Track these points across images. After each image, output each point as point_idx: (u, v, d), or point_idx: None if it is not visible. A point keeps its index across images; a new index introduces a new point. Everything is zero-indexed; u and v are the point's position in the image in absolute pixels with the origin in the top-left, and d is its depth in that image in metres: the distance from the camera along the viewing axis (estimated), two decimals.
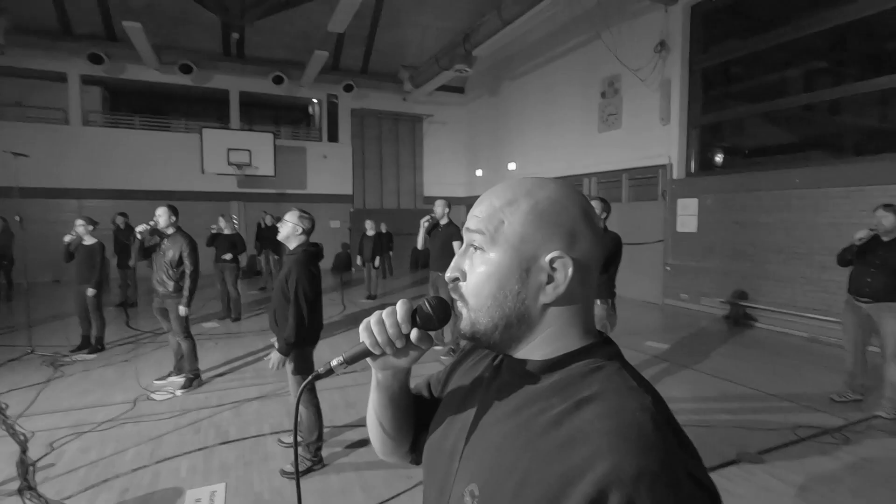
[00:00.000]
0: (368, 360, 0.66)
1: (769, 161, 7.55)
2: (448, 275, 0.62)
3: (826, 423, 3.54)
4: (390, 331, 0.61)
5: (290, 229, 2.93)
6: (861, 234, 3.70)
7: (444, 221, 5.06)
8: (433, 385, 0.80)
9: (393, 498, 2.61)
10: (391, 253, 11.54)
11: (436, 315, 0.62)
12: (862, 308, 3.77)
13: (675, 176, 8.19)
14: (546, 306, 0.57)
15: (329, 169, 13.65)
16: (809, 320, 6.13)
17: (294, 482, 2.69)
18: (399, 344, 0.62)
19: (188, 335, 4.27)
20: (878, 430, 3.45)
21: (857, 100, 6.52)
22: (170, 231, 4.21)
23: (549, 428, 0.51)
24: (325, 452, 3.01)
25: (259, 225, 10.71)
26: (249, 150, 11.91)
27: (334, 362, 0.64)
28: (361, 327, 0.63)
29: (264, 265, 10.17)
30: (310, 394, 2.93)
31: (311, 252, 2.92)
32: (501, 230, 0.57)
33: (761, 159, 7.79)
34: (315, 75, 12.17)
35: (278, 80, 12.24)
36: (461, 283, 0.60)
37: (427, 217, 5.06)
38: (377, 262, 8.87)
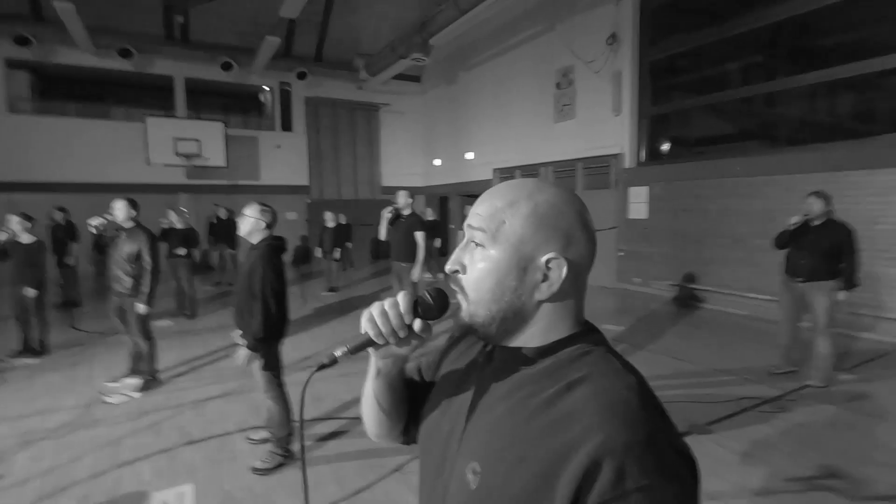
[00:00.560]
0: (370, 349, 0.69)
1: (712, 151, 7.99)
2: (448, 267, 0.66)
3: (765, 394, 3.85)
4: (394, 321, 0.64)
5: (252, 224, 2.88)
6: (794, 219, 4.01)
7: (406, 212, 5.07)
8: (424, 370, 0.84)
9: (367, 488, 2.65)
10: (350, 244, 11.42)
11: (436, 305, 0.66)
12: (796, 287, 4.10)
13: (626, 165, 8.52)
14: (540, 302, 0.62)
15: (283, 159, 13.28)
16: (749, 300, 6.59)
17: (265, 478, 2.68)
18: (402, 334, 0.65)
19: (148, 335, 4.11)
20: (810, 398, 3.79)
21: (789, 93, 6.98)
22: (128, 225, 4.01)
23: (544, 408, 0.56)
24: (295, 447, 3.00)
25: (214, 219, 10.33)
26: (198, 140, 11.40)
27: (338, 352, 0.66)
28: (364, 318, 0.66)
29: (218, 260, 9.83)
30: (278, 389, 2.90)
31: (275, 246, 2.88)
32: (502, 230, 0.61)
33: (705, 149, 8.22)
34: (266, 62, 11.75)
35: (227, 67, 11.75)
36: (461, 276, 0.64)
37: (390, 208, 5.06)
38: (337, 253, 8.76)
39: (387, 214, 5.07)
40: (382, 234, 5.17)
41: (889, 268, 5.34)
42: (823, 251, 3.91)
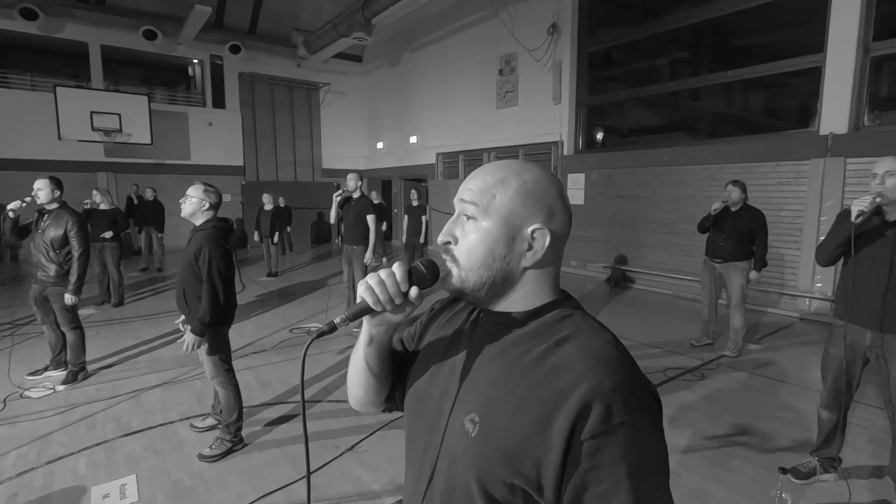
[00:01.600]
0: (366, 317, 0.73)
1: (643, 141, 8.49)
2: (441, 239, 0.71)
3: (687, 364, 4.24)
4: (391, 289, 0.69)
5: (195, 205, 2.76)
6: (716, 206, 4.40)
7: (356, 195, 5.02)
8: (406, 340, 0.89)
9: (323, 466, 2.67)
10: (290, 228, 11.09)
11: (429, 274, 0.71)
12: (715, 267, 4.52)
13: (565, 152, 8.86)
14: (525, 269, 0.69)
15: (216, 138, 12.56)
16: (675, 280, 7.14)
17: (216, 464, 2.63)
18: (398, 301, 0.70)
19: (77, 325, 3.82)
20: (725, 367, 4.22)
21: (711, 89, 7.54)
22: (52, 207, 3.67)
23: (537, 362, 0.64)
24: (244, 432, 2.95)
25: (132, 199, 9.63)
26: (119, 114, 10.52)
27: (337, 320, 0.70)
28: (362, 288, 0.70)
29: (145, 243, 9.21)
30: (228, 374, 2.83)
31: (221, 227, 2.79)
32: (493, 203, 0.68)
33: (637, 139, 8.72)
34: (195, 33, 11.01)
35: (150, 36, 10.87)
36: (452, 247, 0.70)
37: (339, 191, 4.98)
38: (276, 237, 8.49)
39: (336, 198, 4.98)
40: (332, 217, 5.09)
41: (791, 250, 5.98)
42: (740, 235, 4.33)
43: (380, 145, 14.19)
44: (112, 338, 4.99)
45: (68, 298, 3.62)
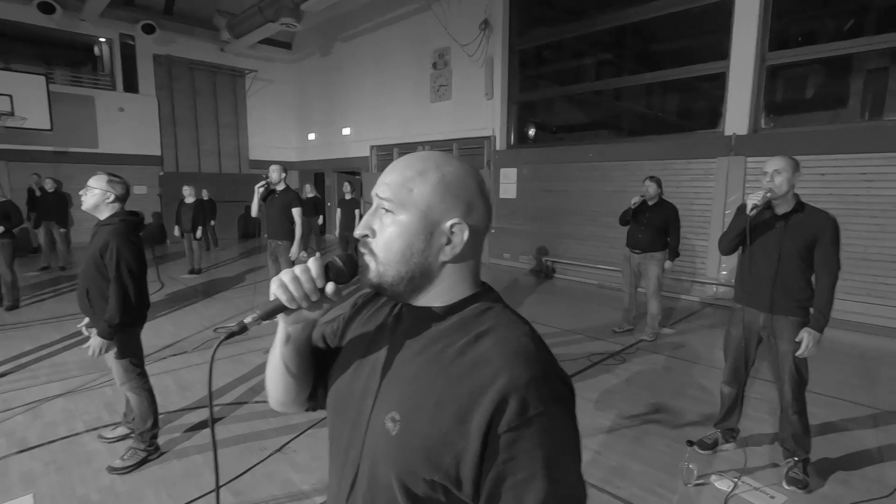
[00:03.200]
0: (281, 315, 0.70)
1: (571, 137, 8.84)
2: (358, 232, 0.70)
3: (610, 349, 4.49)
4: (306, 286, 0.66)
5: (98, 197, 2.52)
6: (635, 200, 4.68)
7: (280, 187, 4.82)
8: (328, 337, 0.87)
9: (247, 471, 2.56)
10: (214, 222, 10.48)
11: (347, 269, 0.69)
12: (634, 258, 4.81)
13: (497, 147, 9.04)
14: (444, 263, 0.69)
15: (128, 124, 11.57)
16: (599, 270, 7.53)
17: (129, 476, 2.44)
18: (314, 297, 0.67)
19: None
20: (643, 350, 4.52)
21: (632, 90, 8.00)
22: None
23: (457, 357, 0.64)
24: (160, 440, 2.77)
25: (33, 191, 8.70)
26: (10, 96, 9.40)
27: (248, 319, 0.66)
28: (275, 285, 0.67)
29: (45, 240, 8.34)
30: (140, 379, 2.63)
31: (130, 221, 2.57)
32: (411, 197, 0.67)
33: (566, 135, 9.08)
34: (102, 9, 10.06)
35: (47, 9, 9.79)
36: (370, 240, 0.69)
37: (262, 182, 4.75)
38: (198, 232, 7.99)
39: (259, 189, 4.76)
40: (254, 210, 4.85)
41: (701, 241, 6.49)
42: (656, 227, 4.64)
43: (311, 136, 13.74)
44: (5, 344, 4.48)
45: None
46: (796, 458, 2.49)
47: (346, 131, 12.40)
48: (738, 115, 6.16)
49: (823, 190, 5.37)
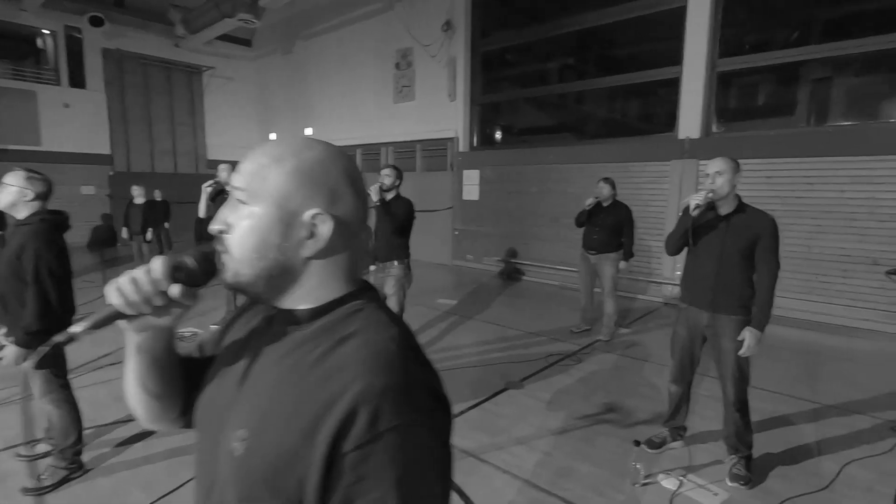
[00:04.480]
0: (123, 322, 0.62)
1: (534, 140, 8.90)
2: (213, 227, 0.62)
3: (566, 350, 4.51)
4: (145, 289, 0.58)
5: (14, 195, 2.33)
6: (589, 201, 4.72)
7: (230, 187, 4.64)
8: (205, 345, 0.78)
9: (179, 487, 2.41)
10: (168, 224, 10.05)
11: (201, 269, 0.61)
12: (590, 258, 4.85)
13: (460, 149, 9.02)
14: (308, 259, 0.61)
15: (75, 121, 10.99)
16: (560, 271, 7.59)
17: (48, 496, 2.26)
18: (158, 302, 0.60)
19: None
20: (599, 350, 4.55)
21: (593, 94, 8.12)
22: None
23: (315, 365, 0.56)
24: (87, 457, 2.58)
25: None
26: None
27: (77, 328, 0.58)
28: (109, 290, 0.59)
29: None
30: (61, 391, 2.44)
31: (52, 221, 2.39)
32: (265, 186, 0.60)
33: (528, 137, 9.13)
34: None
35: None
36: (226, 236, 0.61)
37: (210, 182, 4.56)
38: (149, 234, 7.64)
39: (207, 189, 4.56)
40: (202, 211, 4.65)
41: (657, 241, 6.62)
42: (611, 228, 4.69)
43: (272, 136, 13.39)
44: None
45: None
46: (739, 455, 2.53)
47: (309, 131, 12.15)
48: (690, 119, 6.33)
49: (769, 192, 5.56)
